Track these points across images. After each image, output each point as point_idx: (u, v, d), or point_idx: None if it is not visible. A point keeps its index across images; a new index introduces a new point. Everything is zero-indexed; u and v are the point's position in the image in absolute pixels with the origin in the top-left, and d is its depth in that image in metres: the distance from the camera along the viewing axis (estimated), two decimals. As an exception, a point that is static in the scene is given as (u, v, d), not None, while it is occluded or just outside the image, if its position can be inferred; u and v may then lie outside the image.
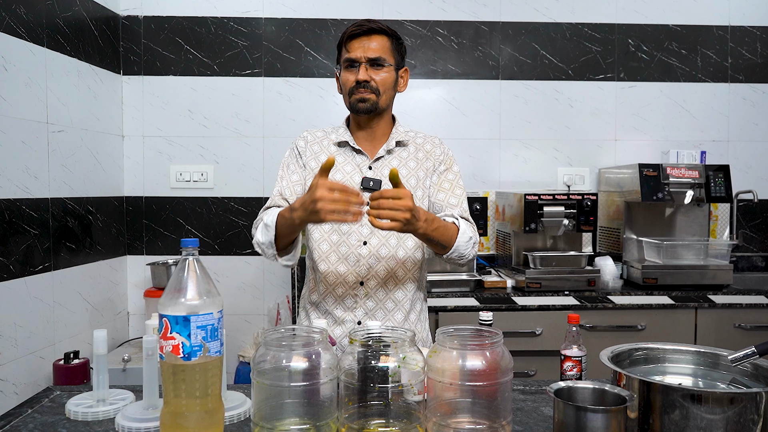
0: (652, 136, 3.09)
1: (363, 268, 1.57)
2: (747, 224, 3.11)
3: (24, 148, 2.17)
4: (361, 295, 1.58)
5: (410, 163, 1.64)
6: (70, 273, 2.45)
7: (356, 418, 1.06)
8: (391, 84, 1.60)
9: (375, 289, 1.58)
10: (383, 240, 1.59)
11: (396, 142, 1.65)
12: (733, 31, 3.08)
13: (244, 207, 2.99)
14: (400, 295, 1.61)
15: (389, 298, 1.59)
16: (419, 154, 1.66)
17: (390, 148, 1.64)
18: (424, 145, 1.68)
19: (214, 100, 2.97)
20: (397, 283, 1.60)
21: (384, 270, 1.58)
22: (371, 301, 1.58)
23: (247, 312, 3.00)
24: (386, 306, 1.59)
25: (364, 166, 1.62)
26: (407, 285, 1.62)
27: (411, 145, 1.67)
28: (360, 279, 1.58)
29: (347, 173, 1.61)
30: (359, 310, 1.58)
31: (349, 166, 1.62)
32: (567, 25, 3.04)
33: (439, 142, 1.70)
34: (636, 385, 1.07)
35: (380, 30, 1.57)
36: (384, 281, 1.59)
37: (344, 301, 1.58)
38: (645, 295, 2.53)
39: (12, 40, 2.11)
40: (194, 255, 1.04)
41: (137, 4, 2.93)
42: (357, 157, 1.63)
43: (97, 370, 1.21)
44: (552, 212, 2.57)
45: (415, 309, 1.66)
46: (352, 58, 1.56)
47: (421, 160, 1.66)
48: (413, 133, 1.70)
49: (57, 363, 2.21)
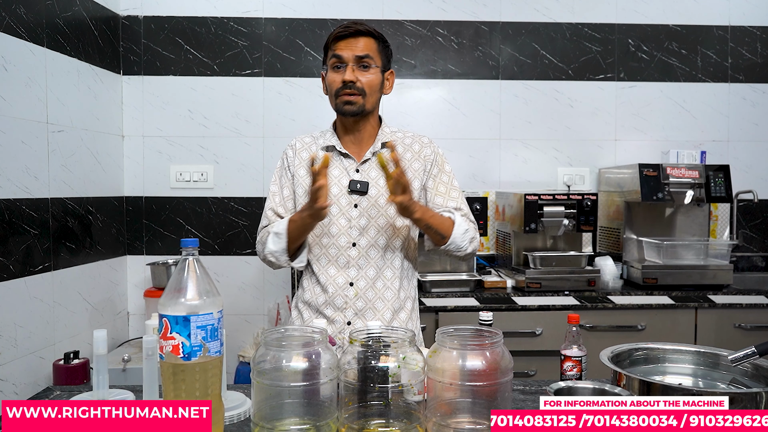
0: (652, 136, 3.09)
1: (352, 269, 1.60)
2: (747, 224, 3.11)
3: (24, 148, 2.17)
4: (351, 296, 1.60)
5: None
6: (70, 273, 2.45)
7: (356, 418, 1.06)
8: (378, 86, 1.61)
9: (364, 290, 1.60)
10: (372, 241, 1.61)
11: (382, 144, 1.65)
12: (733, 31, 3.08)
13: (244, 207, 2.99)
14: (389, 294, 1.62)
15: (378, 298, 1.61)
16: (407, 154, 1.67)
17: (376, 150, 1.64)
18: (412, 146, 1.68)
19: (214, 100, 2.97)
20: (386, 283, 1.62)
21: (373, 270, 1.61)
22: (360, 301, 1.60)
23: (247, 312, 3.00)
24: (376, 306, 1.61)
25: (351, 169, 1.64)
26: (396, 284, 1.64)
27: (399, 146, 1.67)
28: (350, 280, 1.60)
29: (335, 177, 1.63)
30: (349, 311, 1.60)
31: (337, 170, 1.64)
32: (567, 25, 3.04)
33: (428, 142, 1.70)
34: (636, 385, 1.08)
35: (367, 32, 1.58)
36: (373, 281, 1.61)
37: (334, 301, 1.61)
38: (645, 295, 2.53)
39: (12, 40, 2.11)
40: (194, 255, 1.04)
41: (137, 4, 2.93)
42: (344, 161, 1.65)
43: (97, 370, 1.21)
44: (552, 212, 2.57)
45: (406, 308, 1.67)
46: (339, 55, 1.56)
47: (410, 161, 1.66)
48: (401, 134, 1.70)
49: (57, 363, 2.21)
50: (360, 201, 1.61)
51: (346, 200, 1.62)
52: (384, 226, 1.62)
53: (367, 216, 1.61)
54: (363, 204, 1.61)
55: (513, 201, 2.70)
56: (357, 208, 1.61)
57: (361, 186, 1.61)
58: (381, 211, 1.61)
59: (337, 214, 1.61)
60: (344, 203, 1.61)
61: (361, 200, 1.61)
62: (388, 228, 1.62)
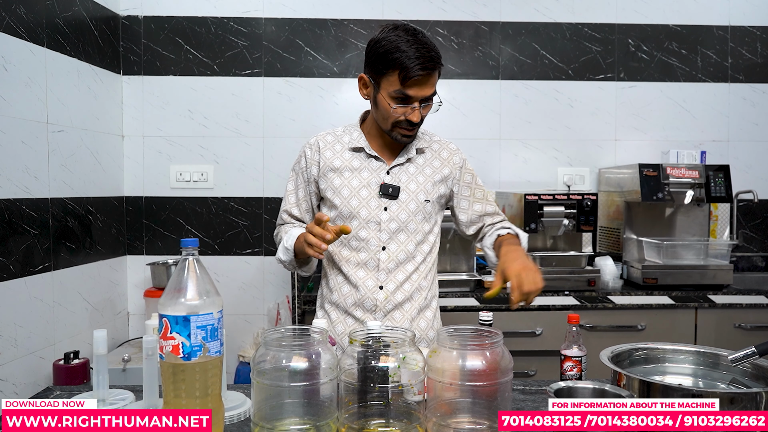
0: (652, 136, 3.09)
1: (382, 273, 1.59)
2: (747, 224, 3.11)
3: (24, 148, 2.17)
4: (380, 299, 1.59)
5: (426, 170, 1.64)
6: (70, 273, 2.45)
7: (356, 418, 1.06)
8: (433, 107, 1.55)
9: (393, 292, 1.59)
10: (402, 246, 1.60)
11: (416, 150, 1.64)
12: (733, 31, 3.08)
13: (244, 207, 2.99)
14: (417, 295, 1.62)
15: (407, 299, 1.61)
16: (435, 162, 1.65)
17: (410, 157, 1.63)
18: (440, 152, 1.67)
19: (214, 100, 2.97)
20: (414, 285, 1.61)
21: (402, 274, 1.60)
22: (389, 304, 1.59)
23: (247, 312, 3.00)
24: (403, 306, 1.61)
25: (381, 172, 1.61)
26: (424, 284, 1.64)
27: (428, 151, 1.66)
28: (379, 283, 1.59)
29: (363, 179, 1.60)
30: (378, 313, 1.59)
31: (366, 172, 1.61)
32: (567, 25, 3.04)
33: (455, 149, 1.70)
34: (636, 385, 1.07)
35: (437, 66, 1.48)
36: (402, 284, 1.60)
37: (364, 303, 1.59)
38: (645, 295, 2.53)
39: (12, 40, 2.11)
40: (194, 255, 1.04)
41: (137, 4, 2.93)
42: (373, 163, 1.61)
43: (97, 370, 1.21)
44: (552, 212, 2.57)
45: (432, 306, 1.68)
46: (410, 96, 1.47)
47: (437, 168, 1.65)
48: (428, 137, 1.69)
49: (57, 363, 2.21)
50: (390, 205, 1.58)
51: (376, 203, 1.58)
52: (414, 230, 1.60)
53: (397, 220, 1.58)
54: (393, 208, 1.58)
55: (513, 201, 2.70)
56: (387, 211, 1.58)
57: (393, 190, 1.58)
58: (411, 216, 1.59)
59: (366, 218, 1.58)
60: (374, 206, 1.58)
61: (391, 204, 1.58)
62: (418, 233, 1.61)
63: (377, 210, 1.58)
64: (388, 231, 1.58)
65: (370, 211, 1.58)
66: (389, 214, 1.58)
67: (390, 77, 1.47)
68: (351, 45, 2.98)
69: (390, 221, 1.58)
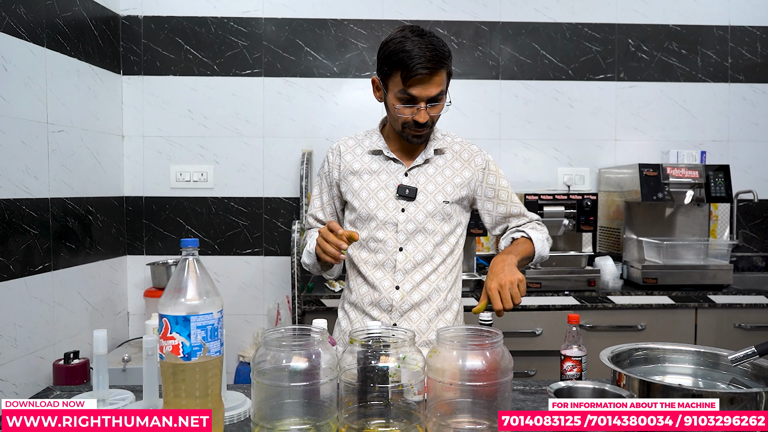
0: (652, 136, 3.09)
1: (399, 273, 1.59)
2: (747, 224, 3.11)
3: (24, 148, 2.17)
4: (397, 299, 1.59)
5: (446, 171, 1.63)
6: (70, 273, 2.45)
7: (356, 418, 1.06)
8: (443, 107, 1.55)
9: (410, 292, 1.59)
10: (419, 246, 1.59)
11: (434, 150, 1.64)
12: (733, 31, 3.08)
13: (244, 207, 2.99)
14: (435, 296, 1.62)
15: (424, 300, 1.60)
16: (456, 163, 1.64)
17: (428, 158, 1.62)
18: (461, 154, 1.66)
19: (214, 100, 2.97)
20: (431, 286, 1.61)
21: (419, 275, 1.60)
22: (406, 304, 1.59)
23: (247, 312, 3.00)
24: (421, 307, 1.60)
25: (399, 174, 1.61)
26: (443, 286, 1.63)
27: (448, 152, 1.65)
28: (396, 284, 1.59)
29: (382, 181, 1.61)
30: (395, 313, 1.59)
31: (384, 174, 1.61)
32: (567, 25, 3.04)
33: (477, 150, 1.68)
34: (636, 385, 1.07)
35: (442, 65, 1.47)
36: (419, 285, 1.60)
37: (380, 303, 1.60)
38: (645, 295, 2.53)
39: (12, 40, 2.11)
40: (194, 255, 1.04)
41: (137, 4, 2.93)
42: (392, 165, 1.62)
43: (97, 370, 1.21)
44: (552, 212, 2.57)
45: (452, 309, 1.66)
46: (414, 97, 1.47)
47: (458, 170, 1.64)
48: (450, 138, 1.68)
49: (57, 363, 2.21)
50: (407, 206, 1.59)
51: (393, 205, 1.59)
52: (432, 231, 1.59)
53: (414, 221, 1.58)
54: (410, 209, 1.59)
55: (513, 201, 2.69)
56: (404, 212, 1.58)
57: (410, 192, 1.58)
58: (428, 217, 1.59)
59: (384, 219, 1.58)
60: (391, 207, 1.59)
61: (408, 205, 1.59)
62: (436, 234, 1.60)
63: (394, 211, 1.59)
64: (405, 232, 1.58)
65: (388, 213, 1.59)
66: (406, 216, 1.58)
67: (394, 78, 1.48)
68: (351, 45, 2.98)
69: (407, 222, 1.58)
